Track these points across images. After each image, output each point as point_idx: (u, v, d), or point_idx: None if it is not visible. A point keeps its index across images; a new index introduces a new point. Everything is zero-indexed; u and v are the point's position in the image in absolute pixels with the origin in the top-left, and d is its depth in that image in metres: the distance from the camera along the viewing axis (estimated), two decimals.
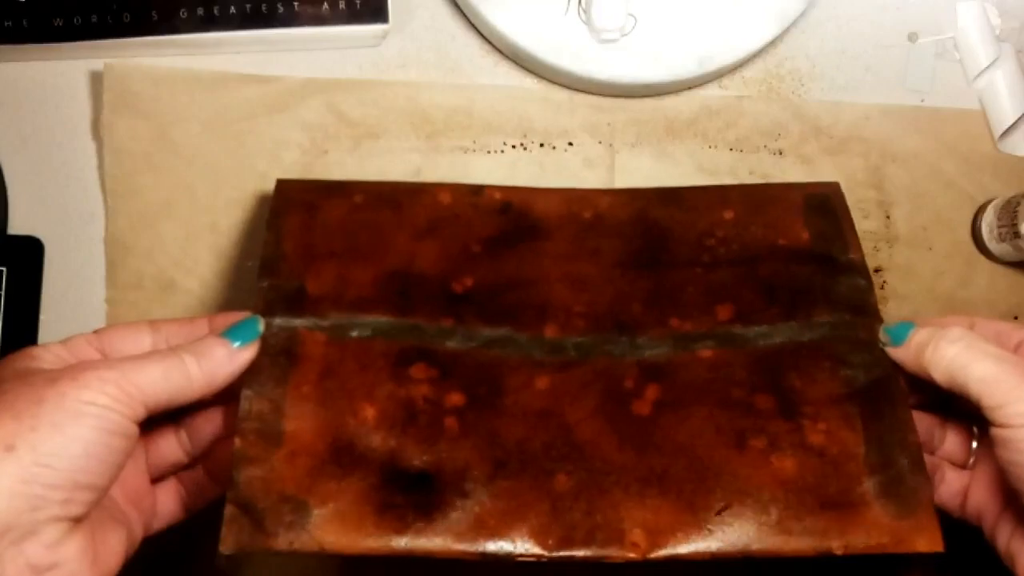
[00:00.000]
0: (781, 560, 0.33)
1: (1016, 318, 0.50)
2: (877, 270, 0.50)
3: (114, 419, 0.30)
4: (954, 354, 0.34)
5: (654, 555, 0.33)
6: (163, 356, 0.33)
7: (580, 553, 0.33)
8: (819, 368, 0.37)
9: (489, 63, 0.51)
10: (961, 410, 0.38)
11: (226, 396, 0.36)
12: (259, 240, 0.48)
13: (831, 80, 0.51)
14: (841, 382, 0.37)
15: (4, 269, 0.47)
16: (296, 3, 0.47)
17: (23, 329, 0.47)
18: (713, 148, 0.50)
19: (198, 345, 0.34)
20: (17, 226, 0.48)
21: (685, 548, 0.34)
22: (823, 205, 0.43)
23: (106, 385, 0.30)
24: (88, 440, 0.30)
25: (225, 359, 0.35)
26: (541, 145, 0.50)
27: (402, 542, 0.33)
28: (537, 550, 0.33)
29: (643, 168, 0.50)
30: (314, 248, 0.40)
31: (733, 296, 0.40)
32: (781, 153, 0.50)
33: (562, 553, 0.33)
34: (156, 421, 0.35)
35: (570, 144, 0.50)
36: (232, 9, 0.47)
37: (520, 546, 0.34)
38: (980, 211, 0.50)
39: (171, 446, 0.37)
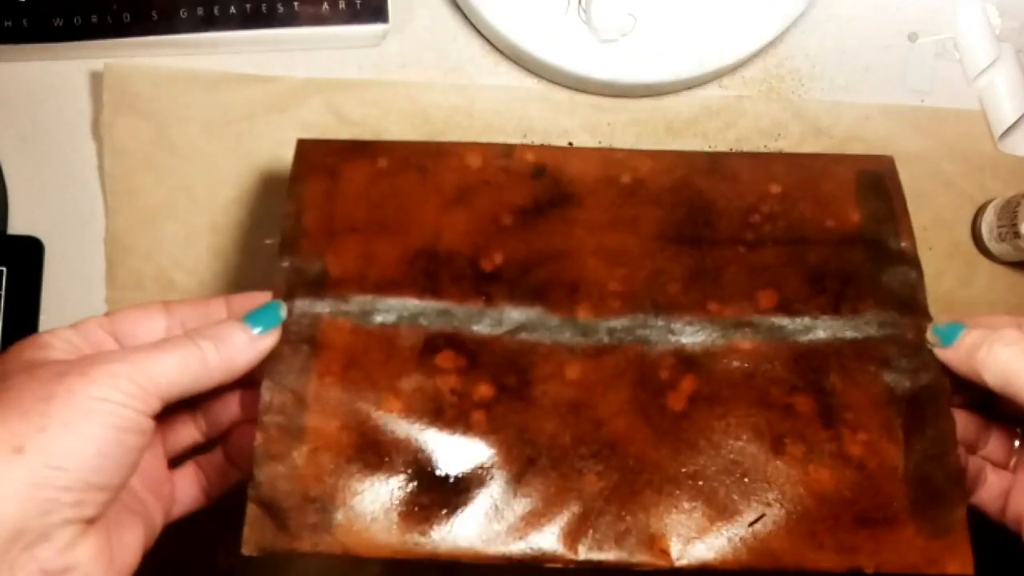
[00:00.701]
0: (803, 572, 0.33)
1: None
2: None
3: (128, 415, 0.29)
4: (1009, 358, 0.33)
5: (683, 563, 0.32)
6: (179, 343, 0.31)
7: (609, 558, 0.33)
8: (863, 371, 0.36)
9: (489, 63, 0.51)
10: (1004, 411, 0.37)
11: (244, 379, 0.34)
12: (259, 235, 0.48)
13: (831, 80, 0.51)
14: (885, 387, 0.35)
15: (4, 269, 0.47)
16: (296, 3, 0.47)
17: (23, 329, 0.47)
18: (713, 148, 0.50)
19: (217, 330, 0.33)
20: (17, 226, 0.48)
21: (715, 557, 0.33)
22: (877, 184, 0.40)
23: (118, 380, 0.29)
24: (101, 439, 0.28)
25: (245, 346, 0.33)
26: (541, 145, 0.50)
27: (428, 545, 0.32)
28: (567, 555, 0.33)
29: None
30: (336, 221, 0.38)
31: (777, 282, 0.38)
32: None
33: (591, 558, 0.33)
34: (172, 406, 0.33)
35: (570, 144, 0.50)
36: (232, 9, 0.47)
37: (549, 550, 0.33)
38: (980, 211, 0.50)
39: (188, 429, 0.36)
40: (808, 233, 0.39)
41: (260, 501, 0.32)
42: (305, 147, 0.40)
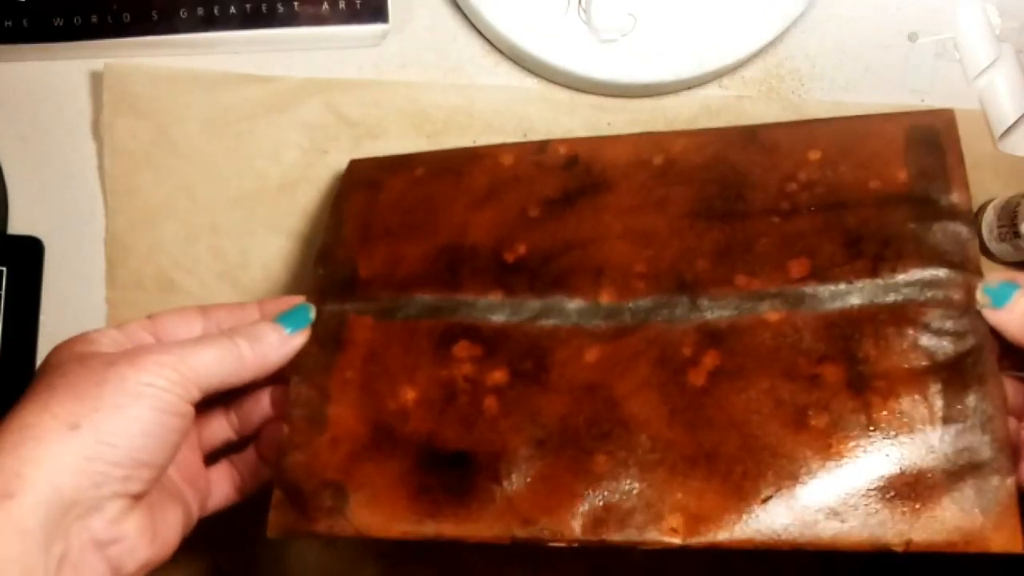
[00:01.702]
0: (837, 553, 0.31)
1: None
2: None
3: (171, 400, 0.32)
4: None
5: (693, 542, 0.31)
6: (217, 340, 0.34)
7: (614, 537, 0.32)
8: (900, 335, 0.33)
9: (489, 63, 0.51)
10: None
11: (274, 378, 0.37)
12: (260, 235, 0.48)
13: (831, 80, 0.51)
14: (923, 352, 0.32)
15: (4, 269, 0.47)
16: (296, 3, 0.47)
17: (23, 329, 0.47)
18: None
19: (251, 329, 0.35)
20: (17, 226, 0.48)
21: (726, 536, 0.31)
22: (930, 139, 0.36)
23: (163, 368, 0.32)
24: (147, 420, 0.31)
25: (277, 344, 0.36)
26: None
27: (433, 526, 0.33)
28: (571, 534, 0.32)
29: None
30: (371, 228, 0.40)
31: (811, 250, 0.35)
32: None
33: (595, 537, 0.32)
34: (207, 403, 0.36)
35: None
36: (232, 9, 0.47)
37: (553, 530, 0.32)
38: (980, 211, 0.50)
39: (222, 427, 0.38)
40: (848, 196, 0.36)
41: (284, 487, 0.34)
42: (355, 165, 0.42)
